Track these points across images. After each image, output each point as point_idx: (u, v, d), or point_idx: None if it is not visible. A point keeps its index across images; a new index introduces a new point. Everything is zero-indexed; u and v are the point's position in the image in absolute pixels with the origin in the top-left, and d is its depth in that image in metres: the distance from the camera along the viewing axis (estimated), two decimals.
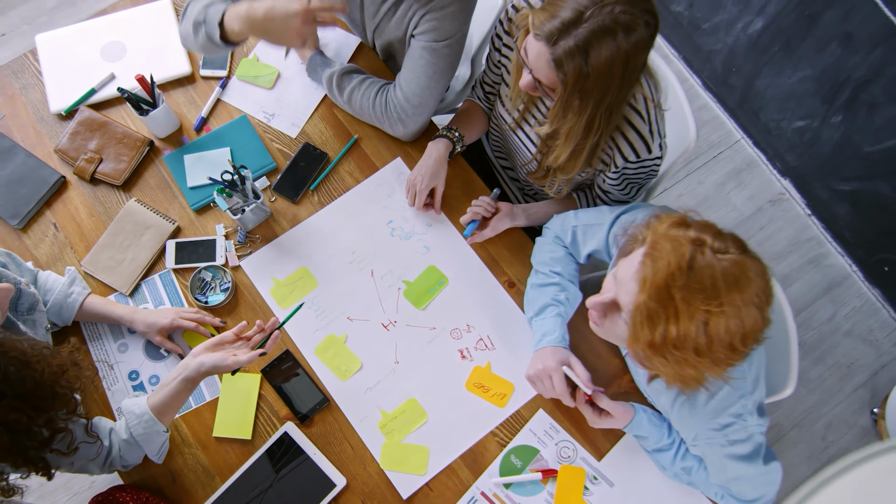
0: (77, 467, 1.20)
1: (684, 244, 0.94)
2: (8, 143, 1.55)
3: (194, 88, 1.64)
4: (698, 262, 0.94)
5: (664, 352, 0.96)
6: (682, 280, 0.92)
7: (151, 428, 1.21)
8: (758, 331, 0.97)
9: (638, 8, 1.09)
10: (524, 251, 1.52)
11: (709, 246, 0.95)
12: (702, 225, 1.00)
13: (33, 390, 1.02)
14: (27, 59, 1.66)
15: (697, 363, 0.96)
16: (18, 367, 1.00)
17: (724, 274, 0.93)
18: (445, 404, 1.41)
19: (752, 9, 2.15)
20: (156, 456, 1.27)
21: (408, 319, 1.47)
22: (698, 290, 0.92)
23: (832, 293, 2.34)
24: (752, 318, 0.95)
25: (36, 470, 1.10)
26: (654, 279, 0.94)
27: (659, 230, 0.99)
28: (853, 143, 2.08)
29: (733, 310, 0.93)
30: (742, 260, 0.95)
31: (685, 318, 0.93)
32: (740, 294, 0.93)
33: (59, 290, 1.37)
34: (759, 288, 0.95)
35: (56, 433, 1.08)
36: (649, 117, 1.30)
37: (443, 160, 1.51)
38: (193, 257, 1.49)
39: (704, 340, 0.94)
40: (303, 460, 1.36)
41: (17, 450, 1.04)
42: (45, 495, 2.05)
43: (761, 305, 0.96)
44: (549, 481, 1.36)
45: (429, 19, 1.41)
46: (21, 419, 1.01)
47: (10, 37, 2.64)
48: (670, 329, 0.93)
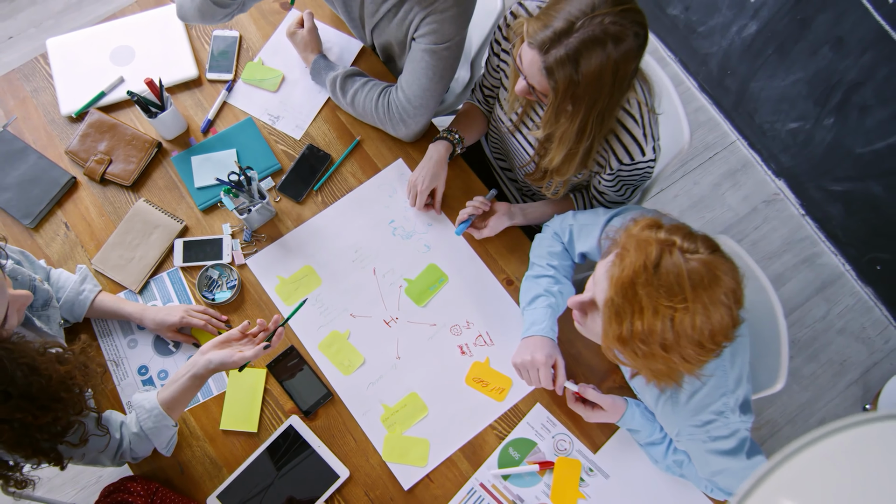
0: (88, 459, 1.24)
1: (652, 244, 0.98)
2: (20, 145, 1.60)
3: (201, 91, 1.68)
4: (665, 262, 0.97)
5: (633, 346, 0.99)
6: (647, 278, 0.96)
7: (161, 422, 1.25)
8: (726, 329, 0.99)
9: (628, 19, 1.13)
10: (522, 250, 1.56)
11: (678, 246, 0.98)
12: (674, 227, 1.03)
13: (39, 393, 1.04)
14: (38, 63, 1.70)
15: (665, 358, 0.99)
16: (26, 372, 1.02)
17: (690, 273, 0.96)
18: (445, 398, 1.45)
19: (746, 13, 2.19)
20: (165, 449, 1.31)
21: (409, 316, 1.51)
22: (663, 287, 0.96)
23: (825, 292, 2.38)
24: (719, 317, 0.97)
25: (48, 460, 1.14)
26: (621, 276, 0.98)
27: (632, 232, 1.03)
28: (845, 145, 2.12)
29: (700, 307, 0.96)
30: (711, 260, 0.98)
31: (649, 313, 0.96)
32: (707, 293, 0.96)
33: (70, 288, 1.41)
34: (728, 287, 0.98)
35: (68, 427, 1.12)
36: (643, 121, 1.34)
37: (443, 161, 1.55)
38: (201, 256, 1.53)
39: (671, 336, 0.97)
40: (307, 453, 1.40)
41: (27, 442, 1.07)
42: (54, 489, 2.09)
43: (730, 304, 0.98)
44: (546, 473, 1.39)
45: (429, 22, 1.45)
46: (26, 418, 1.04)
47: (18, 39, 2.68)
48: (636, 324, 0.97)
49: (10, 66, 2.62)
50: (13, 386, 1.00)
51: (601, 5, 1.12)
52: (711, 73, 2.49)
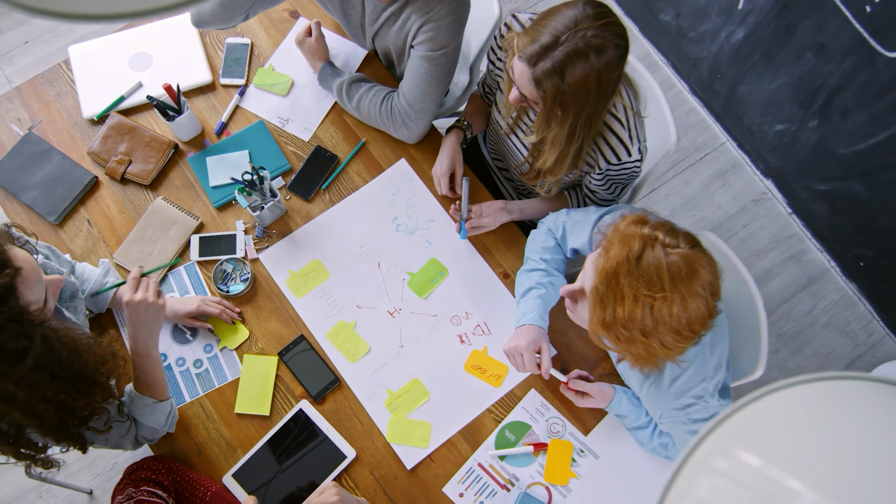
0: (112, 443, 1.32)
1: (636, 238, 1.07)
2: (45, 146, 1.69)
3: (215, 96, 1.78)
4: (646, 255, 1.06)
5: (615, 331, 1.09)
6: (628, 269, 1.05)
7: (139, 403, 1.31)
8: (703, 318, 1.08)
9: (608, 32, 1.22)
10: (518, 245, 1.65)
11: (660, 241, 1.07)
12: (658, 223, 1.12)
13: (79, 376, 1.14)
14: (61, 69, 1.79)
15: (645, 343, 1.08)
16: (69, 353, 1.12)
17: (669, 266, 1.05)
18: (446, 384, 1.53)
19: (734, 19, 2.28)
20: (164, 426, 1.37)
21: (411, 307, 1.60)
22: (643, 278, 1.05)
23: (811, 287, 2.47)
24: (695, 307, 1.06)
25: (75, 444, 1.22)
26: (605, 267, 1.08)
27: (619, 227, 1.12)
28: (828, 146, 2.21)
29: (678, 297, 1.05)
30: (690, 254, 1.06)
31: (630, 301, 1.05)
32: (685, 284, 1.05)
33: (94, 280, 1.50)
34: (705, 280, 1.06)
35: (94, 413, 1.21)
36: (629, 124, 1.43)
37: (456, 147, 1.66)
38: (216, 250, 1.62)
39: (651, 322, 1.06)
40: (316, 435, 1.49)
41: (60, 426, 1.17)
42: (71, 475, 2.18)
43: (706, 296, 1.07)
44: (540, 454, 1.48)
45: (426, 30, 1.54)
46: (67, 400, 1.13)
47: (34, 44, 2.77)
48: (618, 310, 1.06)
49: (26, 69, 2.72)
50: (59, 367, 1.09)
51: (584, 20, 1.22)
52: (702, 77, 2.58)
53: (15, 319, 1.03)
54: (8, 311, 1.02)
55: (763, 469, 0.53)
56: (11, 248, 1.08)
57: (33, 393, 1.08)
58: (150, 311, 1.30)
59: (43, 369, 1.08)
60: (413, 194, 1.69)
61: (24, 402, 1.08)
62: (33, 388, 1.08)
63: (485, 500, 1.45)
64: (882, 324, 2.41)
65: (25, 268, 1.07)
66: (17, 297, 1.04)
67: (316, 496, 1.18)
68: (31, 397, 1.08)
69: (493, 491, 1.45)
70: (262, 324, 1.57)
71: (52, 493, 2.17)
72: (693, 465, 0.55)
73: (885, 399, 0.55)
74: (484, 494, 1.45)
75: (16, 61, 2.73)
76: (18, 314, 1.03)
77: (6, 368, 1.03)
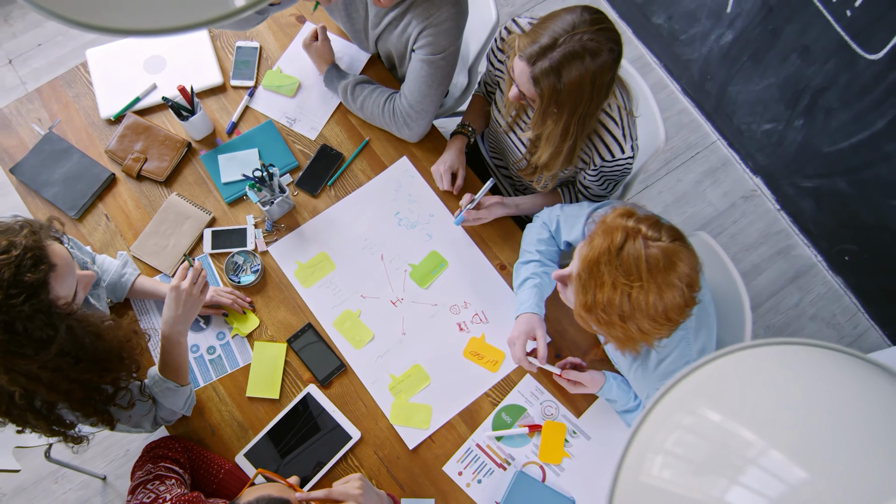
0: (133, 422, 1.40)
1: (619, 230, 1.15)
2: (65, 145, 1.78)
3: (225, 97, 1.86)
4: (627, 247, 1.14)
5: (596, 314, 1.17)
6: (609, 258, 1.13)
7: (161, 386, 1.40)
8: (678, 308, 1.15)
9: (603, 37, 1.31)
10: (514, 238, 1.73)
11: (642, 234, 1.14)
12: (644, 217, 1.19)
13: (103, 356, 1.23)
14: (79, 71, 1.88)
15: (623, 327, 1.16)
16: (93, 338, 1.21)
17: (648, 258, 1.12)
18: (445, 369, 1.62)
19: (723, 23, 2.36)
20: (182, 409, 1.46)
21: (413, 297, 1.68)
22: (622, 268, 1.13)
23: (799, 281, 2.56)
24: (671, 297, 1.13)
25: (101, 420, 1.32)
26: (588, 255, 1.16)
27: (606, 219, 1.20)
28: (814, 144, 2.29)
29: (654, 287, 1.12)
30: (671, 248, 1.13)
31: (609, 287, 1.13)
32: (662, 276, 1.12)
33: (113, 271, 1.59)
34: (683, 273, 1.13)
35: (118, 391, 1.30)
36: (622, 123, 1.52)
37: (459, 151, 1.75)
38: (227, 243, 1.71)
39: (628, 308, 1.13)
40: (323, 417, 1.57)
41: (87, 402, 1.26)
42: (86, 461, 2.26)
43: (682, 287, 1.13)
44: (534, 435, 1.56)
45: (426, 35, 1.62)
46: (93, 378, 1.23)
47: (46, 46, 2.85)
48: (598, 295, 1.15)
49: (40, 71, 2.81)
50: (83, 351, 1.18)
51: (581, 25, 1.31)
52: (693, 78, 2.67)
53: (43, 311, 1.11)
54: (38, 303, 1.09)
55: (721, 422, 0.61)
56: (51, 244, 1.16)
57: (56, 375, 1.17)
58: (191, 302, 1.38)
59: (67, 354, 1.17)
60: (414, 190, 1.77)
61: (48, 382, 1.16)
62: (57, 371, 1.16)
63: (482, 478, 1.53)
64: (867, 316, 2.50)
65: (60, 264, 1.14)
66: (47, 291, 1.12)
67: (341, 484, 1.26)
68: (55, 378, 1.17)
69: (491, 470, 1.54)
70: (271, 312, 1.65)
71: (68, 479, 2.26)
72: (654, 420, 0.64)
73: (828, 362, 0.64)
74: (482, 473, 1.54)
75: (29, 63, 2.82)
76: (47, 307, 1.11)
77: (31, 353, 1.11)
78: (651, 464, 0.62)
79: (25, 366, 1.12)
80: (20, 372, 1.13)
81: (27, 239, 1.10)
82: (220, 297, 1.61)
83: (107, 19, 0.66)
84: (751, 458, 0.57)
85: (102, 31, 0.65)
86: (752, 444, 0.57)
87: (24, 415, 1.21)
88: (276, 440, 1.55)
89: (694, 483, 0.59)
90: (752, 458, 0.57)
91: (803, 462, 0.55)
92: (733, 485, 0.57)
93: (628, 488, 0.62)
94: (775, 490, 0.55)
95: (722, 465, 0.58)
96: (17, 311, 1.07)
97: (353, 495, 1.21)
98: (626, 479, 0.63)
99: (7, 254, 1.07)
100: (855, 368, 0.60)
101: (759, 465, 0.57)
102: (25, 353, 1.11)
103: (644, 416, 0.64)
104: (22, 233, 1.11)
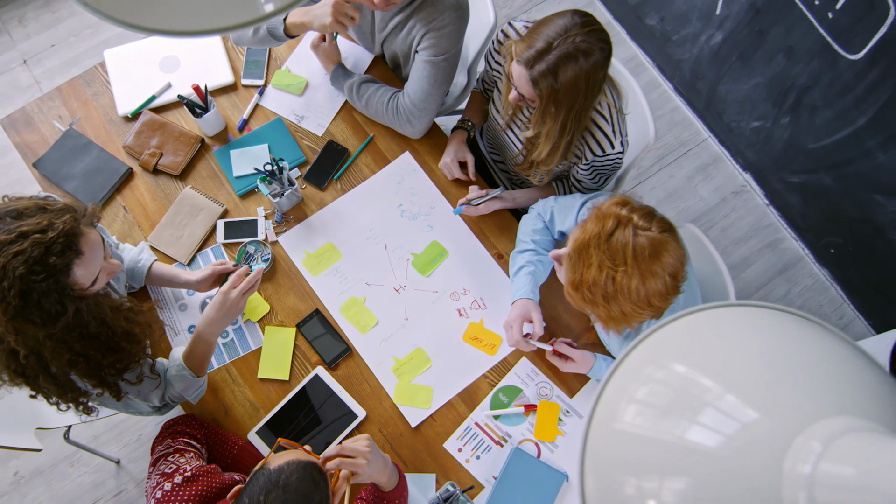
0: (142, 395, 1.46)
1: (611, 217, 1.23)
2: (84, 141, 1.87)
3: (237, 95, 1.96)
4: (617, 234, 1.21)
5: (582, 292, 1.25)
6: (598, 243, 1.22)
7: (179, 371, 1.48)
8: (660, 295, 1.22)
9: (594, 38, 1.40)
10: (510, 229, 1.83)
11: (633, 223, 1.21)
12: (637, 207, 1.26)
13: (106, 340, 1.31)
14: (97, 71, 1.97)
15: (606, 307, 1.24)
16: (98, 324, 1.28)
17: (635, 246, 1.19)
18: (446, 352, 1.70)
19: (713, 24, 2.46)
20: (191, 398, 1.54)
21: (415, 284, 1.77)
22: (609, 252, 1.21)
23: (787, 273, 2.65)
24: (653, 284, 1.20)
25: (110, 390, 1.37)
26: (580, 237, 1.24)
27: (602, 206, 1.28)
28: (800, 141, 2.38)
29: (637, 274, 1.19)
30: (659, 238, 1.20)
31: (595, 269, 1.21)
32: (646, 264, 1.19)
33: (130, 258, 1.67)
34: (667, 262, 1.20)
35: (127, 367, 1.36)
36: (612, 120, 1.61)
37: (461, 142, 1.85)
38: (239, 234, 1.80)
39: (612, 290, 1.21)
40: (330, 396, 1.66)
41: (96, 374, 1.32)
42: (100, 446, 2.36)
43: (665, 276, 1.20)
44: (530, 414, 1.64)
45: (429, 38, 1.72)
46: (97, 356, 1.30)
47: (59, 47, 2.95)
48: (584, 274, 1.23)
49: (53, 71, 2.90)
50: (87, 331, 1.26)
51: (573, 28, 1.40)
52: (685, 78, 2.76)
53: (58, 291, 1.19)
54: (55, 283, 1.18)
55: (684, 373, 0.70)
56: (88, 232, 1.23)
57: (61, 346, 1.24)
58: (234, 309, 1.48)
59: (73, 330, 1.24)
60: (416, 184, 1.86)
61: (51, 350, 1.24)
62: (62, 343, 1.24)
63: (481, 454, 1.62)
64: (852, 307, 2.59)
65: (87, 253, 1.22)
66: (67, 275, 1.20)
67: (350, 442, 1.35)
68: (59, 348, 1.24)
69: (489, 447, 1.63)
70: (281, 299, 1.75)
71: (83, 462, 2.35)
72: (624, 372, 0.73)
73: (780, 321, 0.73)
74: (480, 449, 1.63)
75: (43, 63, 2.91)
76: (62, 288, 1.19)
77: (38, 321, 1.19)
78: (623, 412, 0.71)
79: (33, 331, 1.20)
80: (28, 335, 1.20)
81: (66, 224, 1.17)
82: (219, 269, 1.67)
83: (147, 21, 0.75)
84: (708, 402, 0.66)
85: (145, 31, 0.74)
86: (711, 390, 0.66)
87: (36, 377, 1.28)
88: (286, 418, 1.64)
89: (659, 425, 0.68)
90: (710, 401, 0.66)
91: (754, 404, 0.64)
92: (693, 424, 0.66)
93: (600, 433, 0.71)
94: (730, 427, 0.64)
95: (684, 408, 0.67)
96: (35, 285, 1.15)
97: (362, 452, 1.30)
98: (599, 425, 0.72)
99: (43, 233, 1.15)
100: (799, 326, 0.70)
101: (716, 408, 0.66)
102: (34, 321, 1.18)
103: (614, 369, 0.73)
104: (63, 217, 1.18)
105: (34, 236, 1.15)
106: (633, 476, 0.67)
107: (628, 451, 0.68)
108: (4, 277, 1.13)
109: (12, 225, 1.16)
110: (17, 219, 1.17)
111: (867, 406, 0.61)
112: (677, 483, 0.63)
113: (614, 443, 0.71)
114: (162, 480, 1.34)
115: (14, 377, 1.28)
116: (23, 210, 1.19)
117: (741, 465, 0.57)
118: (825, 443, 0.53)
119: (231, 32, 0.74)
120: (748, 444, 0.59)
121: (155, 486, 1.34)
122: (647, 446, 0.67)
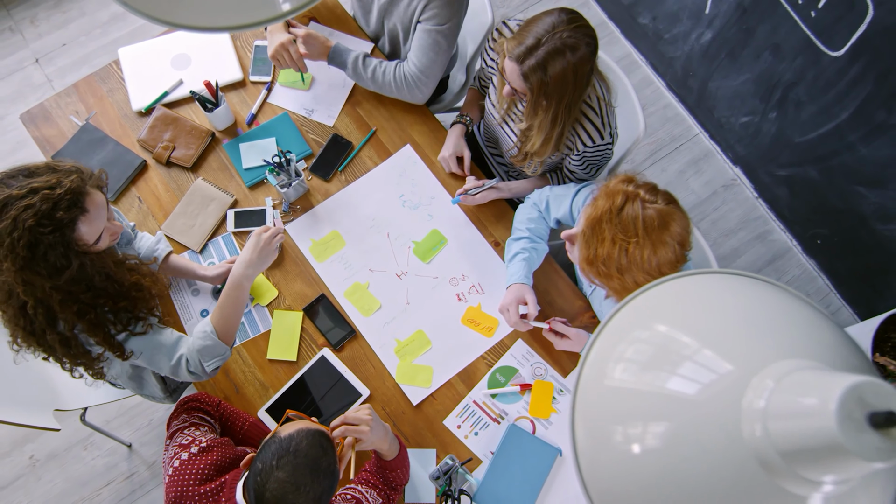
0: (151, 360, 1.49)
1: (619, 193, 1.30)
2: (100, 135, 1.96)
3: (245, 91, 2.04)
4: (626, 208, 1.29)
5: (597, 266, 1.33)
6: (610, 217, 1.29)
7: (203, 331, 1.48)
8: (671, 263, 1.29)
9: (580, 33, 1.49)
10: (507, 218, 1.91)
11: (640, 197, 1.29)
12: (642, 183, 1.33)
13: (113, 293, 1.39)
14: (112, 68, 2.06)
15: (620, 279, 1.32)
16: (102, 277, 1.37)
17: (645, 218, 1.27)
18: (445, 335, 1.78)
19: (702, 23, 2.54)
20: (209, 365, 1.51)
21: (416, 270, 1.86)
22: (621, 226, 1.28)
23: (776, 264, 2.73)
24: (665, 253, 1.28)
25: (114, 350, 1.43)
26: (592, 214, 1.32)
27: (609, 184, 1.36)
28: (786, 136, 2.47)
29: (648, 244, 1.27)
30: (666, 210, 1.27)
31: (608, 243, 1.29)
32: (656, 233, 1.26)
33: (147, 247, 1.76)
34: (675, 232, 1.28)
35: (133, 319, 1.44)
36: (601, 112, 1.70)
37: (460, 137, 1.93)
38: (248, 223, 1.89)
39: (625, 262, 1.29)
40: (336, 376, 1.75)
41: (101, 330, 1.40)
42: (113, 430, 2.44)
43: (674, 245, 1.28)
44: (525, 393, 1.72)
45: (431, 7, 1.80)
46: (106, 303, 1.39)
47: (70, 46, 3.04)
48: (598, 250, 1.31)
49: (64, 69, 2.99)
50: (92, 284, 1.35)
51: (560, 25, 1.49)
52: (676, 75, 2.85)
53: (63, 245, 1.28)
54: (61, 236, 1.27)
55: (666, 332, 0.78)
56: (93, 192, 1.32)
57: (68, 297, 1.33)
58: (267, 251, 1.53)
59: (79, 283, 1.33)
60: (417, 175, 1.95)
61: (58, 301, 1.32)
62: (69, 294, 1.33)
63: (479, 430, 1.71)
64: (839, 296, 2.68)
65: (91, 210, 1.31)
66: (73, 230, 1.29)
67: (353, 411, 1.43)
68: (66, 299, 1.33)
69: (486, 423, 1.72)
70: (289, 284, 1.83)
71: (96, 445, 2.44)
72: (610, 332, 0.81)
73: (751, 285, 0.82)
74: (478, 426, 1.71)
75: (54, 62, 3.00)
76: (67, 242, 1.29)
77: (44, 273, 1.28)
78: (611, 369, 0.80)
79: (40, 283, 1.29)
80: (35, 286, 1.29)
81: (73, 182, 1.27)
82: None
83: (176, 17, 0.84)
84: (687, 356, 0.74)
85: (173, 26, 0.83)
86: (689, 345, 0.75)
87: (43, 332, 1.35)
88: (293, 397, 1.73)
89: (642, 377, 0.77)
90: (689, 355, 0.74)
91: (725, 355, 0.72)
92: (673, 375, 0.74)
93: (588, 389, 0.80)
94: (704, 376, 0.72)
95: (665, 362, 0.75)
96: (42, 237, 1.24)
97: (365, 419, 1.39)
98: (587, 382, 0.80)
99: (52, 190, 1.25)
100: (763, 288, 0.78)
101: (693, 360, 0.74)
102: (40, 272, 1.27)
103: (600, 331, 0.82)
104: (71, 176, 1.28)
105: (44, 192, 1.24)
106: (619, 425, 0.75)
107: (615, 404, 0.76)
108: (15, 228, 1.22)
109: (24, 182, 1.26)
110: (28, 176, 1.27)
111: (814, 350, 0.69)
112: (659, 427, 0.70)
113: (602, 397, 0.79)
114: (179, 451, 1.42)
115: (26, 336, 1.37)
116: (34, 169, 1.29)
117: (712, 408, 0.65)
118: (777, 379, 0.61)
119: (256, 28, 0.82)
120: (717, 389, 0.66)
121: (172, 456, 1.42)
122: (631, 398, 0.75)
